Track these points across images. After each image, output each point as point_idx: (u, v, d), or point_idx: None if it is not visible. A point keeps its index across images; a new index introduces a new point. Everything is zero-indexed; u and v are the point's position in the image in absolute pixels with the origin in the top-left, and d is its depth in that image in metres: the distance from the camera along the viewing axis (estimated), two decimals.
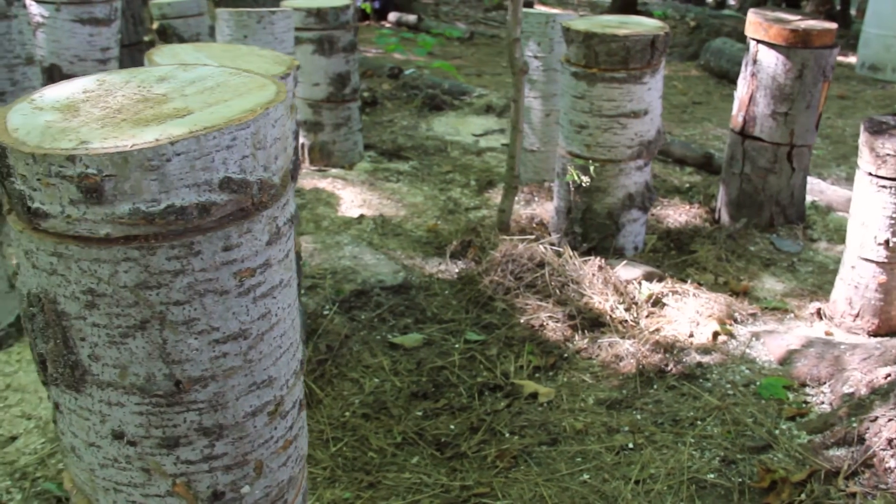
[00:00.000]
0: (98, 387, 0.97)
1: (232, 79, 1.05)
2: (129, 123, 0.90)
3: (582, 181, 2.74)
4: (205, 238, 0.90)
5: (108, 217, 0.85)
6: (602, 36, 2.73)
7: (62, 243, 0.89)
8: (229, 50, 2.12)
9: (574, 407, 2.15)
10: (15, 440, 1.97)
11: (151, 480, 1.03)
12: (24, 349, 2.34)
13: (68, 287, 0.91)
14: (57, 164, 0.83)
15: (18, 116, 0.93)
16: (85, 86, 1.03)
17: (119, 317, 0.92)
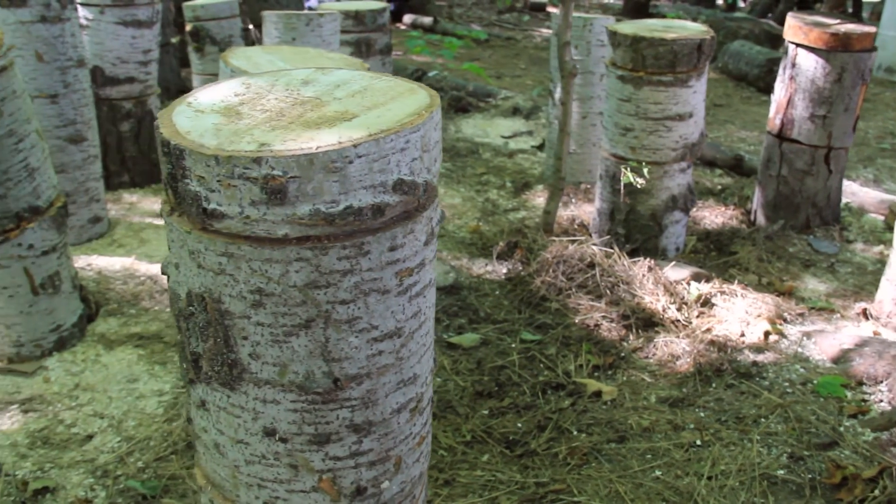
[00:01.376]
0: (255, 385, 0.99)
1: (374, 83, 1.08)
2: (300, 126, 0.93)
3: (637, 183, 2.78)
4: (374, 238, 0.93)
5: (289, 218, 0.87)
6: (650, 40, 2.76)
7: (234, 243, 0.91)
8: (299, 52, 2.14)
9: (637, 405, 2.18)
10: (91, 439, 1.98)
11: (298, 476, 1.06)
12: (88, 349, 2.35)
13: (235, 287, 0.93)
14: (241, 165, 0.85)
15: (184, 119, 0.95)
16: (233, 89, 1.05)
17: (285, 316, 0.94)
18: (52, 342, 2.31)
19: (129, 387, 2.19)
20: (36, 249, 2.21)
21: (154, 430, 2.02)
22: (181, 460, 1.91)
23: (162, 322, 2.51)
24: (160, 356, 2.33)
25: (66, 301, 2.34)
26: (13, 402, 2.10)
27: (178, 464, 1.90)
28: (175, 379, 2.23)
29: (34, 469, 1.87)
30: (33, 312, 2.25)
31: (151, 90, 3.47)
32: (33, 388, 2.17)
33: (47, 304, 2.27)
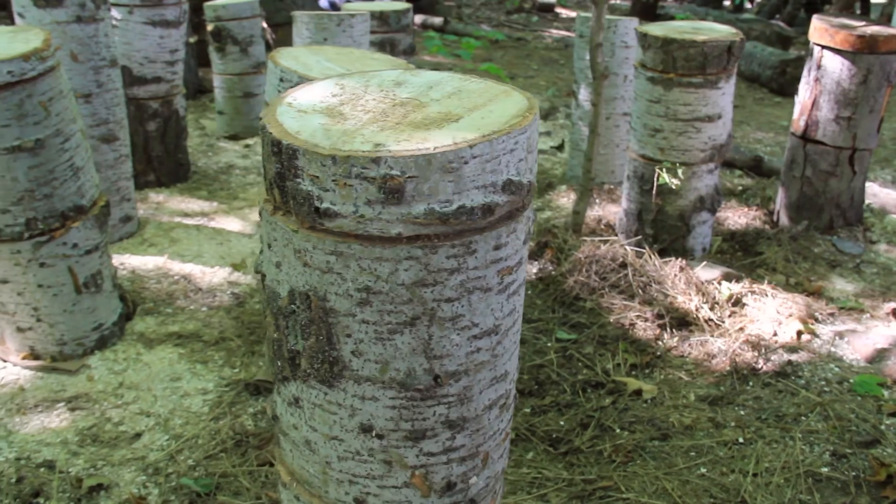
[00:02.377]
0: (355, 382, 1.01)
1: (466, 84, 1.09)
2: (408, 126, 0.94)
3: (672, 184, 2.80)
4: (481, 238, 0.94)
5: (404, 217, 0.89)
6: (681, 42, 2.79)
7: (344, 242, 0.93)
8: (343, 53, 2.15)
9: (677, 403, 2.20)
10: (140, 437, 2.00)
11: (391, 472, 1.07)
12: (129, 347, 2.36)
13: (342, 285, 0.95)
14: (360, 165, 0.87)
15: (290, 120, 0.97)
16: (328, 90, 1.07)
17: (391, 314, 0.96)
18: (93, 341, 2.32)
19: (172, 385, 2.20)
20: (80, 248, 2.22)
21: (201, 428, 2.03)
22: (231, 458, 1.92)
23: (199, 321, 2.52)
24: (200, 355, 2.35)
25: (107, 300, 2.35)
26: (59, 400, 2.11)
27: (229, 462, 1.91)
28: (218, 378, 2.24)
29: (87, 466, 1.88)
30: (76, 311, 2.26)
31: (177, 90, 3.48)
32: (78, 386, 2.18)
33: (90, 302, 2.28)
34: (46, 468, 1.87)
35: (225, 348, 2.38)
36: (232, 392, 2.17)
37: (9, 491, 1.79)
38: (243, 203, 3.43)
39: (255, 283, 2.78)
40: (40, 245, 2.15)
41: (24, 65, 1.99)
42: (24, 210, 2.10)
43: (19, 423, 2.02)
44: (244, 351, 2.37)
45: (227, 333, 2.45)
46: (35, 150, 2.06)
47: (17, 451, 1.91)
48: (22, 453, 1.91)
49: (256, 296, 2.70)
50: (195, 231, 3.13)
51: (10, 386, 2.16)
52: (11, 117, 2.01)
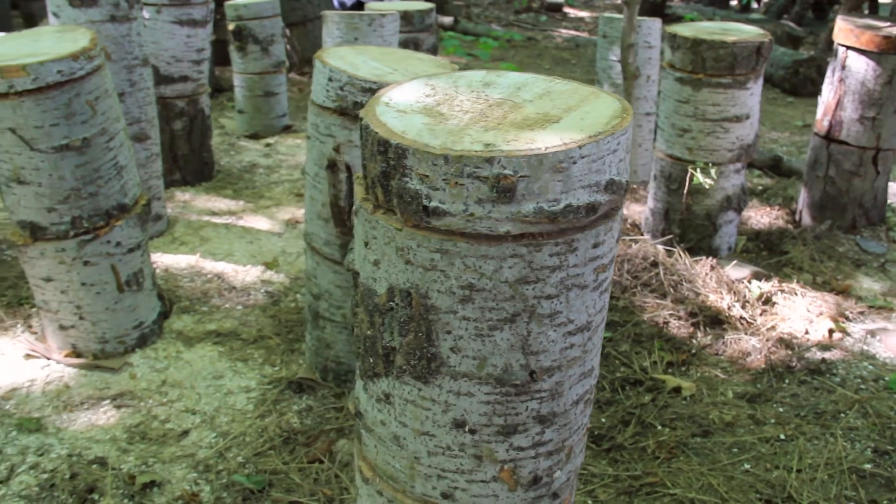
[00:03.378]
0: (451, 378, 1.02)
1: (553, 86, 1.11)
2: (511, 127, 0.96)
3: (706, 183, 2.83)
4: (582, 236, 0.96)
5: (513, 216, 0.91)
6: (710, 42, 2.81)
7: (450, 240, 0.94)
8: (387, 53, 2.17)
9: (716, 400, 2.23)
10: (187, 434, 2.01)
11: (481, 467, 1.09)
12: (168, 345, 2.37)
13: (446, 282, 0.97)
14: (472, 164, 0.89)
15: (392, 119, 0.98)
16: (420, 90, 1.08)
17: (492, 310, 0.97)
18: (134, 339, 2.33)
19: (215, 383, 2.21)
20: (123, 247, 2.23)
21: (248, 425, 2.04)
22: (280, 456, 1.94)
23: (235, 319, 2.54)
24: (240, 353, 2.36)
25: (147, 298, 2.36)
26: (104, 398, 2.12)
27: (278, 459, 1.92)
28: (259, 376, 2.25)
29: (138, 463, 1.89)
30: (118, 309, 2.27)
31: (203, 89, 3.49)
32: (121, 384, 2.19)
33: (131, 300, 2.29)
34: (98, 465, 1.88)
35: (264, 346, 2.39)
36: (275, 390, 2.18)
37: (64, 487, 1.80)
38: (269, 202, 3.44)
39: (288, 281, 2.79)
40: (85, 243, 2.16)
41: (73, 64, 2.00)
42: (70, 209, 2.11)
43: (67, 421, 2.03)
44: (283, 349, 2.38)
45: (265, 332, 2.46)
46: (82, 149, 2.07)
47: (69, 448, 1.92)
48: (73, 450, 1.92)
49: (291, 294, 2.71)
50: (224, 230, 3.13)
51: (56, 383, 2.17)
52: (60, 116, 2.02)
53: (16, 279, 2.67)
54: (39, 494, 1.78)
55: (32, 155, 2.04)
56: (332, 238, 2.06)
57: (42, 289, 2.24)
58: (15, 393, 2.12)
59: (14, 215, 2.15)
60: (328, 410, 2.10)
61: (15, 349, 2.30)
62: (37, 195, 2.09)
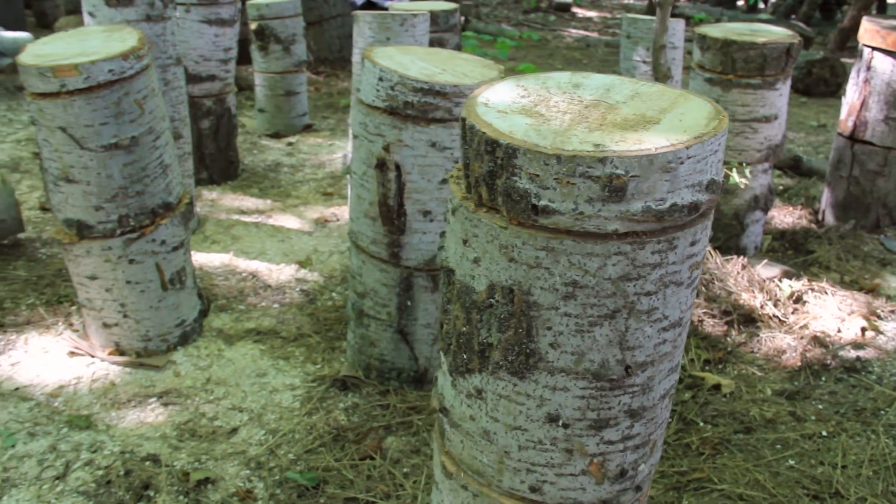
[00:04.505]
0: (549, 373, 1.04)
1: (640, 87, 1.13)
2: (614, 128, 0.98)
3: (742, 183, 2.85)
4: (682, 234, 0.98)
5: (622, 214, 0.93)
6: (741, 44, 2.84)
7: (556, 238, 0.96)
8: (432, 53, 2.18)
9: (755, 398, 2.25)
10: (236, 432, 2.02)
11: (571, 460, 1.11)
12: (210, 344, 2.38)
13: (549, 279, 0.98)
14: (585, 164, 0.91)
15: (497, 120, 1.00)
16: (514, 91, 1.10)
17: (593, 307, 0.99)
18: (176, 337, 2.34)
19: (259, 381, 2.22)
20: (167, 245, 2.24)
21: (296, 423, 2.06)
22: (331, 453, 1.95)
23: (273, 318, 2.55)
24: (281, 351, 2.37)
25: (188, 296, 2.37)
26: (151, 396, 2.13)
27: (329, 456, 1.94)
28: (302, 374, 2.27)
29: (191, 460, 1.91)
30: (161, 307, 2.28)
31: (230, 88, 3.50)
32: (166, 381, 2.20)
33: (174, 299, 2.30)
34: (151, 462, 1.89)
35: (304, 345, 2.41)
36: (320, 387, 2.20)
37: (120, 483, 1.81)
38: (297, 201, 3.45)
39: (322, 280, 2.80)
40: (131, 242, 2.17)
41: (123, 63, 2.01)
42: (118, 207, 2.12)
43: (116, 418, 2.04)
44: (324, 347, 2.40)
45: (304, 330, 2.48)
46: (130, 148, 2.08)
47: (121, 445, 1.94)
48: (125, 447, 1.93)
49: (326, 293, 2.72)
50: (255, 228, 3.15)
51: (102, 381, 2.18)
52: (110, 115, 2.03)
53: (52, 277, 2.68)
54: (97, 491, 1.79)
55: (82, 154, 2.05)
56: (379, 237, 2.08)
57: (86, 287, 2.25)
58: (62, 390, 2.13)
59: (60, 213, 2.16)
60: (374, 408, 2.12)
61: (58, 347, 2.31)
62: (85, 194, 2.10)
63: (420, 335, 2.16)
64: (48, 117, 2.02)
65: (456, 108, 1.93)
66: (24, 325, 2.41)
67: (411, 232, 2.04)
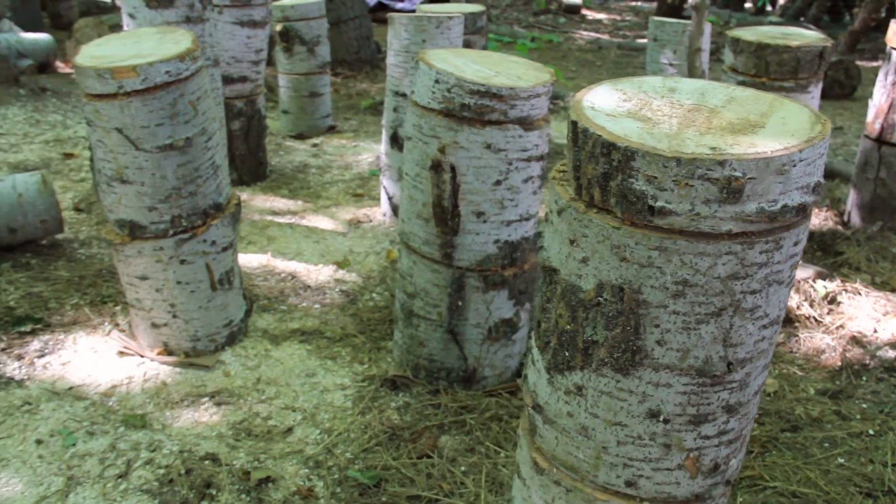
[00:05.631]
0: (653, 369, 1.07)
1: (734, 92, 1.16)
2: (723, 131, 1.00)
3: None
4: (788, 234, 1.01)
5: (737, 215, 0.95)
6: (774, 47, 2.87)
7: (669, 238, 0.98)
8: (483, 56, 2.21)
9: (799, 397, 2.28)
10: (292, 431, 2.04)
11: (668, 455, 1.13)
12: (256, 344, 2.40)
13: (660, 278, 1.01)
14: (704, 167, 0.93)
15: (608, 123, 1.02)
16: (614, 95, 1.12)
17: (701, 305, 1.02)
18: (224, 337, 2.36)
19: (309, 381, 2.24)
20: (217, 246, 2.26)
21: (350, 422, 2.07)
22: (387, 451, 1.97)
23: (316, 318, 2.57)
24: (327, 351, 2.39)
25: (236, 297, 2.39)
26: (203, 395, 2.15)
27: (387, 455, 1.96)
28: (351, 373, 2.29)
29: (250, 459, 1.92)
30: (210, 308, 2.30)
31: (260, 89, 3.52)
32: (216, 381, 2.22)
33: (222, 299, 2.32)
34: (210, 461, 1.91)
35: (350, 345, 2.43)
36: (370, 387, 2.21)
37: (182, 482, 1.82)
38: (328, 202, 3.47)
39: (361, 281, 2.82)
40: (182, 242, 2.19)
41: (179, 65, 2.03)
42: (171, 207, 2.14)
43: (171, 417, 2.06)
44: (369, 347, 2.42)
45: (348, 330, 2.50)
46: (184, 149, 2.10)
47: (179, 445, 1.95)
48: (183, 446, 1.95)
49: (366, 293, 2.74)
50: (289, 229, 3.16)
51: (153, 381, 2.20)
52: (165, 116, 2.04)
53: (94, 277, 2.69)
54: (160, 489, 1.81)
55: (137, 154, 2.07)
56: (431, 237, 2.10)
57: (136, 287, 2.26)
58: (115, 390, 2.15)
59: (112, 214, 2.18)
60: (426, 407, 2.14)
61: (107, 347, 2.33)
62: (138, 194, 2.12)
63: (470, 335, 2.18)
64: (104, 118, 2.04)
65: (511, 110, 1.95)
66: (70, 324, 2.43)
67: (464, 233, 2.06)
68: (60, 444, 1.93)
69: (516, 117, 1.96)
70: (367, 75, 5.77)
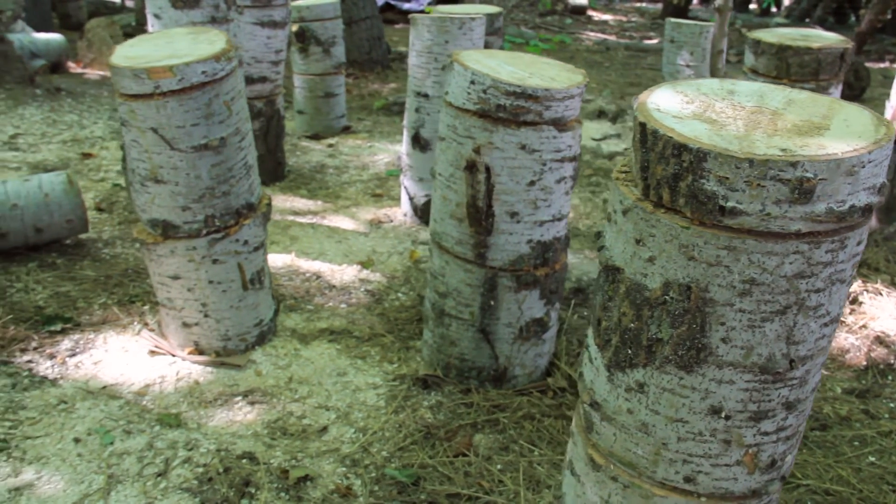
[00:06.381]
0: (717, 367, 1.08)
1: (792, 94, 1.17)
2: (790, 133, 1.02)
3: None
4: (852, 234, 1.02)
5: (806, 215, 0.97)
6: (796, 49, 2.89)
7: (738, 237, 1.00)
8: (515, 57, 2.22)
9: (826, 395, 2.30)
10: (326, 430, 2.05)
11: (728, 451, 1.15)
12: (286, 343, 2.41)
13: (728, 277, 1.02)
14: (777, 168, 0.95)
15: (676, 125, 1.04)
16: (675, 97, 1.14)
17: (767, 303, 1.03)
18: (254, 336, 2.37)
19: (341, 380, 2.25)
20: (249, 245, 2.27)
21: (384, 421, 2.09)
22: (423, 450, 1.98)
23: (342, 318, 2.58)
24: (357, 351, 2.40)
25: (266, 296, 2.40)
26: (236, 394, 2.16)
27: (423, 453, 1.97)
28: (381, 373, 2.30)
29: (286, 458, 1.93)
30: (241, 307, 2.31)
31: (279, 90, 3.53)
32: (248, 381, 2.23)
33: (253, 298, 2.33)
34: (248, 459, 1.92)
35: (378, 344, 2.44)
36: (402, 386, 2.23)
37: (221, 481, 1.83)
38: (347, 202, 3.49)
39: (386, 281, 2.83)
40: (215, 242, 2.20)
41: (215, 65, 2.04)
42: (204, 207, 2.15)
43: (205, 416, 2.07)
44: (398, 346, 2.43)
45: (376, 330, 2.51)
46: (218, 149, 2.11)
47: (216, 444, 1.96)
48: (220, 445, 1.96)
49: (391, 293, 2.76)
50: (311, 229, 3.18)
51: (185, 380, 2.21)
52: (200, 116, 2.05)
53: (120, 277, 2.70)
54: (200, 488, 1.82)
55: (172, 154, 2.08)
56: (465, 237, 2.11)
57: (167, 286, 2.27)
58: (149, 389, 2.16)
59: (145, 214, 2.19)
60: (458, 406, 2.16)
61: (138, 346, 2.34)
62: (172, 194, 2.13)
63: (501, 334, 2.20)
64: (140, 118, 2.05)
65: (546, 111, 1.97)
66: (100, 324, 2.44)
67: (498, 233, 2.08)
68: (98, 442, 1.94)
69: (551, 118, 1.98)
70: (379, 76, 5.79)
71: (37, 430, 1.96)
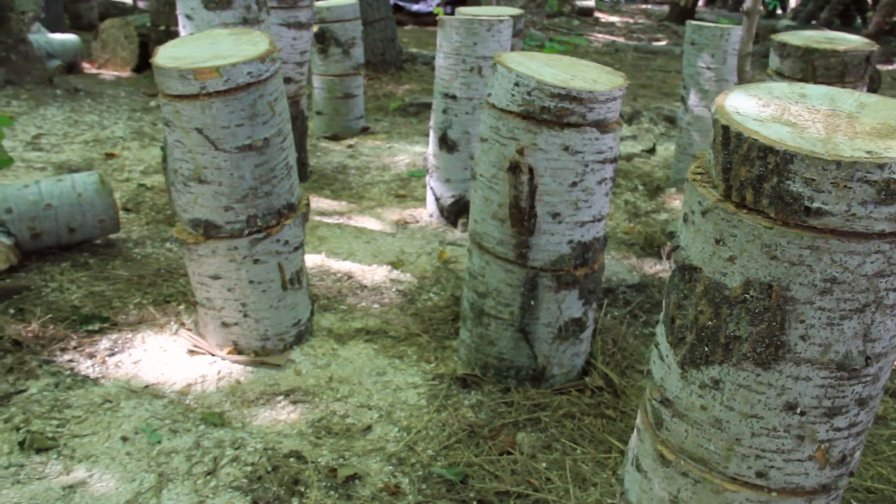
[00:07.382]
0: (794, 364, 1.11)
1: (861, 98, 1.20)
2: (871, 135, 1.04)
3: None
4: None
5: (891, 216, 0.99)
6: (822, 51, 2.92)
7: (821, 237, 1.02)
8: (554, 59, 2.25)
9: None
10: (370, 429, 2.07)
11: (801, 447, 1.17)
12: (323, 343, 2.43)
13: (809, 276, 1.05)
14: (864, 170, 0.97)
15: (759, 128, 1.06)
16: (753, 101, 1.16)
17: (847, 301, 1.06)
18: (293, 336, 2.38)
19: (381, 380, 2.27)
20: (290, 245, 2.29)
21: (427, 420, 2.11)
22: (468, 449, 2.00)
23: (376, 317, 2.60)
24: (394, 350, 2.42)
25: (304, 296, 2.41)
26: (277, 394, 2.17)
27: (468, 452, 1.99)
28: (420, 372, 2.32)
29: (334, 457, 1.95)
30: (280, 307, 2.32)
31: (303, 90, 3.54)
32: (289, 380, 2.24)
33: (292, 298, 2.35)
34: (295, 458, 1.94)
35: (415, 344, 2.46)
36: (441, 385, 2.25)
37: (271, 479, 1.85)
38: (372, 203, 3.50)
39: (416, 281, 2.85)
40: (257, 242, 2.21)
41: (260, 66, 2.06)
42: (247, 207, 2.16)
43: (249, 416, 2.08)
44: (434, 346, 2.45)
45: (412, 329, 2.53)
46: (262, 149, 2.13)
47: (262, 442, 1.98)
48: (266, 444, 1.97)
49: (423, 293, 2.77)
50: (338, 230, 3.19)
51: (227, 379, 2.22)
52: (245, 117, 2.07)
53: (153, 277, 2.71)
54: (250, 486, 1.83)
55: (216, 154, 2.09)
56: (506, 238, 2.13)
57: (207, 286, 2.29)
58: (191, 388, 2.17)
59: (187, 214, 2.20)
60: (499, 405, 2.17)
61: (177, 346, 2.35)
62: (215, 194, 2.14)
63: (541, 334, 2.22)
64: (185, 119, 2.06)
65: (589, 113, 1.99)
66: (137, 323, 2.45)
67: (540, 233, 2.10)
68: (146, 441, 1.95)
69: (594, 120, 2.00)
70: (393, 77, 5.81)
71: (83, 428, 1.98)
